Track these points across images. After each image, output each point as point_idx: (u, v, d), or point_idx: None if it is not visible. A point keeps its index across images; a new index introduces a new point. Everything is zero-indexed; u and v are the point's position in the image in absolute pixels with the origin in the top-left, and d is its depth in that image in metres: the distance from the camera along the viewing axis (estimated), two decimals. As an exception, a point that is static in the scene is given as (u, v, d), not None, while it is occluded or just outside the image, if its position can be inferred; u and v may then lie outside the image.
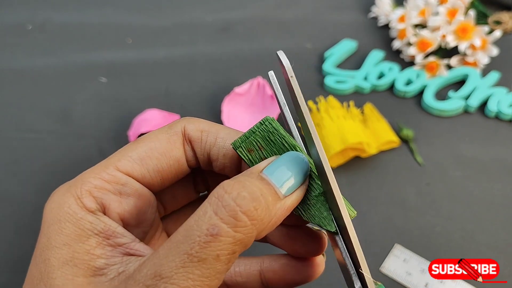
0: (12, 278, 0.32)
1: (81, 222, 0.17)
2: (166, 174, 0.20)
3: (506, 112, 0.40)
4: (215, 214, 0.15)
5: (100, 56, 0.50)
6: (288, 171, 0.17)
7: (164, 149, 0.19)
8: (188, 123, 0.20)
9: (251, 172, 0.17)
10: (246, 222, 0.15)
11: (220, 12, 0.55)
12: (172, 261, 0.15)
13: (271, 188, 0.16)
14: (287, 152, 0.18)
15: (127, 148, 0.19)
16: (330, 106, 0.39)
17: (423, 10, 0.45)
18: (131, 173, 0.19)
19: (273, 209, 0.16)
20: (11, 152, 0.40)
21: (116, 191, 0.19)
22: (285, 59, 0.18)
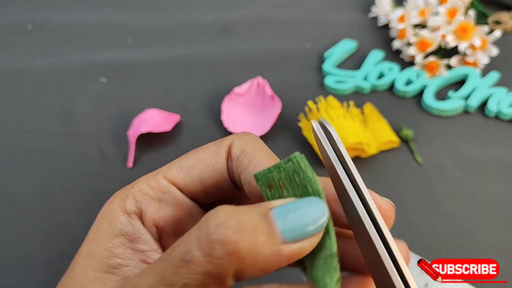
0: (13, 278, 0.32)
1: (115, 221, 0.18)
2: (208, 185, 0.20)
3: (506, 112, 0.40)
4: (196, 238, 0.14)
5: (100, 56, 0.50)
6: (300, 218, 0.15)
7: (209, 161, 0.20)
8: (237, 139, 0.20)
9: (260, 206, 0.16)
10: (220, 254, 0.14)
11: (220, 12, 0.55)
12: (147, 279, 0.15)
13: (269, 228, 0.15)
14: (307, 197, 0.16)
15: (182, 157, 0.20)
16: (330, 106, 0.39)
17: (423, 10, 0.45)
18: (175, 181, 0.20)
19: (262, 251, 0.14)
20: (11, 152, 0.40)
21: (156, 198, 0.19)
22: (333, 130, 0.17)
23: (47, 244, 0.34)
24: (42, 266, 0.33)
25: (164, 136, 0.41)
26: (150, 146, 0.40)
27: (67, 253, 0.33)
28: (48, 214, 0.36)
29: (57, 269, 0.33)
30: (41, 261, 0.33)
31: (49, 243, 0.34)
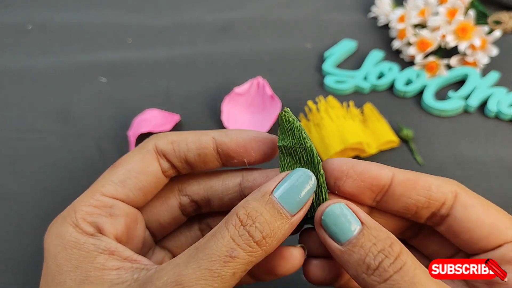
0: (13, 278, 0.32)
1: (85, 245, 0.19)
2: (147, 189, 0.22)
3: (506, 112, 0.40)
4: (233, 240, 0.18)
5: (100, 56, 0.50)
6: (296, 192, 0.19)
7: (140, 168, 0.21)
8: (157, 139, 0.22)
9: (262, 194, 0.19)
10: (258, 249, 0.18)
11: (220, 12, 0.55)
12: (193, 273, 0.17)
13: (280, 213, 0.19)
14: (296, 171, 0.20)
15: (107, 174, 0.22)
16: (330, 106, 0.39)
17: (423, 10, 0.45)
18: (115, 195, 0.21)
19: (281, 232, 0.19)
20: (11, 152, 0.40)
21: (107, 214, 0.21)
22: None
23: (47, 244, 0.34)
24: (41, 266, 0.33)
25: (164, 136, 0.41)
26: (150, 146, 0.40)
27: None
28: (47, 213, 0.36)
29: (57, 269, 0.33)
30: (40, 261, 0.33)
31: (49, 243, 0.34)
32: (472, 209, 0.20)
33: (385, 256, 0.17)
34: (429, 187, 0.20)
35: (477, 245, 0.20)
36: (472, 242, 0.20)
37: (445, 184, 0.20)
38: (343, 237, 0.18)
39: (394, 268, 0.17)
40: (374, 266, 0.17)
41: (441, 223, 0.21)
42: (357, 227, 0.18)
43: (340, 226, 0.19)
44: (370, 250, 0.18)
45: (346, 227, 0.18)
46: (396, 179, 0.20)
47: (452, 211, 0.20)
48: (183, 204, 0.24)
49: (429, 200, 0.20)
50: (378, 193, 0.20)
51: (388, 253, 0.17)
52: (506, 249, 0.19)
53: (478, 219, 0.20)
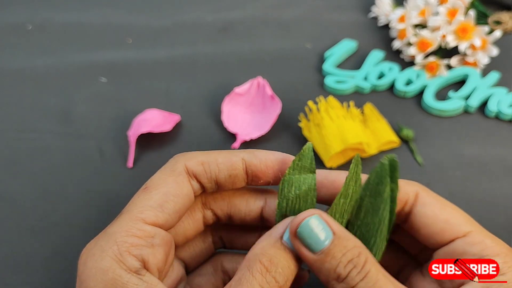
0: (12, 278, 0.32)
1: (128, 285, 0.19)
2: (182, 212, 0.22)
3: (506, 112, 0.40)
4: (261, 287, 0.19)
5: (100, 56, 0.50)
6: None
7: (175, 191, 0.21)
8: (186, 160, 0.22)
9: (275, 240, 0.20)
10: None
11: (220, 12, 0.55)
12: None
13: (293, 257, 0.20)
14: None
15: (142, 198, 0.21)
16: (330, 106, 0.39)
17: (423, 10, 0.45)
18: (156, 222, 0.21)
19: (295, 272, 0.20)
20: (10, 152, 0.40)
21: (149, 244, 0.20)
22: None
23: (47, 244, 0.34)
24: (41, 266, 0.33)
25: (164, 136, 0.41)
26: (150, 146, 0.40)
27: (67, 253, 0.33)
28: (48, 214, 0.36)
29: (57, 269, 0.33)
30: (40, 261, 0.33)
31: (49, 243, 0.34)
32: (429, 207, 0.22)
33: (353, 266, 0.19)
34: None
35: (434, 240, 0.22)
36: (430, 237, 0.22)
37: (407, 186, 0.23)
38: (316, 247, 0.20)
39: (359, 277, 0.19)
40: (344, 276, 0.19)
41: (406, 220, 0.23)
42: (328, 237, 0.20)
43: (314, 238, 0.20)
44: (341, 260, 0.19)
45: (319, 238, 0.20)
46: None
47: (413, 209, 0.22)
48: (206, 217, 0.24)
49: None
50: None
51: (356, 263, 0.19)
52: (456, 244, 0.21)
53: (434, 215, 0.22)
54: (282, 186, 0.22)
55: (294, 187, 0.22)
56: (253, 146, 0.40)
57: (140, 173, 0.38)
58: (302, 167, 0.23)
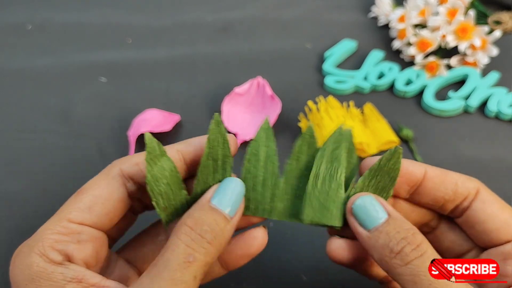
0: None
1: (53, 275, 0.19)
2: (113, 214, 0.22)
3: (506, 112, 0.40)
4: (188, 246, 0.19)
5: (100, 56, 0.50)
6: (230, 198, 0.22)
7: (106, 194, 0.22)
8: (121, 164, 0.23)
9: (203, 204, 0.21)
10: (211, 249, 0.20)
11: (220, 12, 0.55)
12: (159, 285, 0.18)
13: (221, 215, 0.21)
14: (226, 180, 0.22)
15: (73, 201, 0.22)
16: (330, 106, 0.39)
17: (423, 10, 0.45)
18: (83, 222, 0.21)
19: (226, 232, 0.21)
20: (10, 152, 0.40)
21: (75, 240, 0.21)
22: None
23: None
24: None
25: (164, 136, 0.41)
26: (150, 146, 0.40)
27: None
28: (47, 214, 0.36)
29: (57, 269, 0.33)
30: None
31: (49, 243, 0.34)
32: (489, 204, 0.22)
33: (407, 243, 0.19)
34: (455, 183, 0.22)
35: (488, 237, 0.22)
36: (485, 234, 0.22)
37: (469, 181, 0.23)
38: (370, 224, 0.21)
39: (415, 254, 0.19)
40: (397, 250, 0.19)
41: (461, 215, 0.23)
42: (383, 216, 0.21)
43: (369, 215, 0.21)
44: (394, 237, 0.20)
45: (374, 215, 0.21)
46: (428, 175, 0.23)
47: (472, 204, 0.22)
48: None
49: (455, 194, 0.22)
50: (412, 187, 0.23)
51: (410, 241, 0.20)
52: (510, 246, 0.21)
53: (492, 213, 0.22)
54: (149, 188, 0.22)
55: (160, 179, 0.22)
56: (253, 146, 0.40)
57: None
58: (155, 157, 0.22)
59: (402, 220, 0.21)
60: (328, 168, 0.23)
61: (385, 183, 0.23)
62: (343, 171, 0.23)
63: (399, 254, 0.19)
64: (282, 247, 0.33)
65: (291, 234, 0.34)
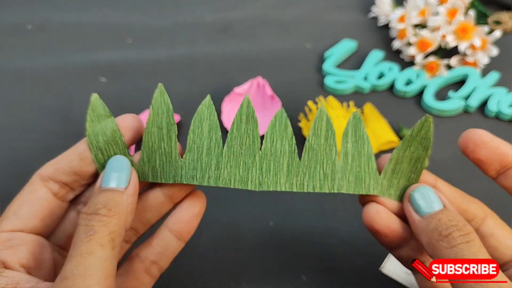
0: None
1: None
2: (43, 214, 0.23)
3: (506, 112, 0.40)
4: (86, 226, 0.20)
5: (100, 56, 0.50)
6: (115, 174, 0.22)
7: (28, 198, 0.22)
8: (39, 170, 0.23)
9: (95, 192, 0.22)
10: (110, 220, 0.20)
11: (220, 12, 0.55)
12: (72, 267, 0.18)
13: (112, 190, 0.21)
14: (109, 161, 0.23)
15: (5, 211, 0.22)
16: (330, 106, 0.39)
17: (423, 10, 0.45)
18: (13, 229, 0.22)
19: (123, 201, 0.21)
20: (11, 152, 0.40)
21: (7, 247, 0.21)
22: None
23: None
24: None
25: (164, 136, 0.41)
26: (150, 146, 0.40)
27: (67, 253, 0.33)
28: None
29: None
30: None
31: (49, 243, 0.34)
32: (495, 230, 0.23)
33: (456, 229, 0.20)
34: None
35: None
36: None
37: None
38: (425, 210, 0.22)
39: (462, 239, 0.20)
40: (445, 234, 0.20)
41: None
42: (439, 206, 0.22)
43: (426, 201, 0.22)
44: (445, 223, 0.20)
45: (431, 203, 0.22)
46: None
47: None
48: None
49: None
50: (503, 168, 0.23)
51: (460, 228, 0.20)
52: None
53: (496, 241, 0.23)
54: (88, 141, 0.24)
55: (100, 136, 0.24)
56: (253, 146, 0.40)
57: (140, 173, 0.38)
58: (99, 116, 0.25)
59: (456, 213, 0.21)
60: (355, 146, 0.23)
61: (419, 153, 0.23)
62: (369, 146, 0.23)
63: (447, 238, 0.20)
64: (282, 247, 0.33)
65: (291, 234, 0.34)
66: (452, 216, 0.21)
